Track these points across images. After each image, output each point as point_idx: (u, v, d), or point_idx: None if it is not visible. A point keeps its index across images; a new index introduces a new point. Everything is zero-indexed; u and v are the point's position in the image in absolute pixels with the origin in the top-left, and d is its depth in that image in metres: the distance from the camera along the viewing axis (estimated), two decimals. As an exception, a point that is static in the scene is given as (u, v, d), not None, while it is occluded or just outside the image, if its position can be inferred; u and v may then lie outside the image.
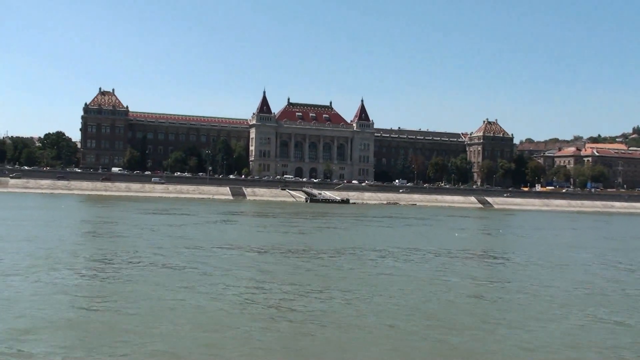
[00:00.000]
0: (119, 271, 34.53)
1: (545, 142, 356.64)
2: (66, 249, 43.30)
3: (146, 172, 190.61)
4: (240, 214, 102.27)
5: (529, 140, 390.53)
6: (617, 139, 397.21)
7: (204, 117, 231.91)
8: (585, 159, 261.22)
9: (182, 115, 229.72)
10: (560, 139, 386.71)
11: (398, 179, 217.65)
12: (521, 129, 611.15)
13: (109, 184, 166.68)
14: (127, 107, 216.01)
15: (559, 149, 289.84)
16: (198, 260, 39.27)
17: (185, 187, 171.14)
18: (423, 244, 55.96)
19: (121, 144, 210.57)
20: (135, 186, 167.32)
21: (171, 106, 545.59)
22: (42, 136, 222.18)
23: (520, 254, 51.30)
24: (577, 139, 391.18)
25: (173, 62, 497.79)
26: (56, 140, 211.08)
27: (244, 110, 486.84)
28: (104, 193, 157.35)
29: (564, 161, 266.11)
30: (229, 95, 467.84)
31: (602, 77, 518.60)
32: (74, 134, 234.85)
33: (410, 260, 44.55)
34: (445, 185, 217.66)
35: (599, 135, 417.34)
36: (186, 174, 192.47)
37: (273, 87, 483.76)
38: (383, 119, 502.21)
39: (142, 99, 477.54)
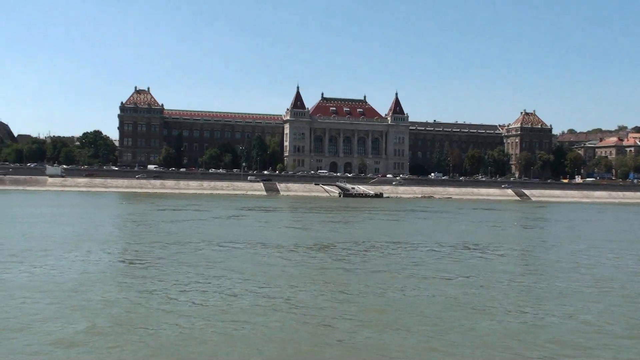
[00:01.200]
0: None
1: (586, 133, 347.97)
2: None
3: (181, 169, 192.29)
4: (262, 209, 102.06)
5: (571, 131, 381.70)
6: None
7: (238, 113, 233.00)
8: (628, 149, 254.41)
9: (217, 112, 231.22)
10: (603, 129, 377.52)
11: (434, 172, 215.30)
12: (562, 120, 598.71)
13: (144, 181, 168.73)
14: (162, 105, 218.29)
15: (600, 140, 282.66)
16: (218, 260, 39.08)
17: (219, 184, 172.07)
18: (415, 237, 55.97)
19: (157, 141, 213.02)
20: (169, 183, 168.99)
21: (206, 104, 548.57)
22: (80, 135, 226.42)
23: (510, 247, 50.60)
24: (622, 128, 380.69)
25: (207, 60, 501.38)
26: (94, 139, 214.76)
27: (278, 106, 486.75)
28: (138, 190, 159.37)
29: (606, 152, 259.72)
30: (263, 91, 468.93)
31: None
32: (113, 133, 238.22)
33: (386, 254, 44.03)
34: (481, 177, 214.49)
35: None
36: (221, 171, 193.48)
37: (306, 83, 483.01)
38: (418, 112, 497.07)
39: (177, 97, 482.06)
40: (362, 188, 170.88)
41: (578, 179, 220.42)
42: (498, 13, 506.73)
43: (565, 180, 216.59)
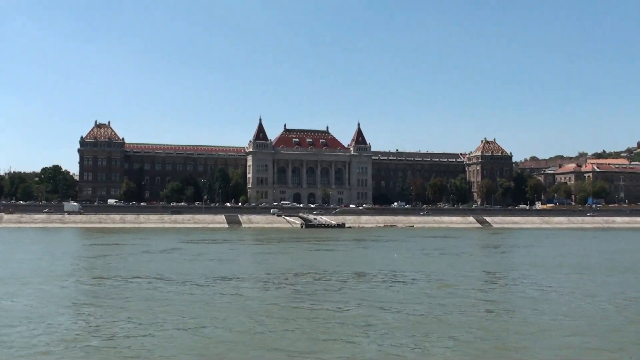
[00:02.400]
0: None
1: (546, 160, 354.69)
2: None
3: (142, 203, 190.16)
4: (209, 241, 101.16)
5: (534, 159, 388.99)
6: (622, 154, 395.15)
7: (200, 146, 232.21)
8: (586, 174, 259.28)
9: (179, 145, 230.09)
10: (564, 156, 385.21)
11: (397, 202, 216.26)
12: (524, 148, 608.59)
13: (103, 216, 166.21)
14: (123, 138, 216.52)
15: (560, 166, 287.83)
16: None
17: (180, 217, 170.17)
18: (338, 267, 55.83)
19: (118, 175, 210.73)
20: (129, 217, 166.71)
21: (167, 137, 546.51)
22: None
23: (423, 275, 50.15)
24: (582, 155, 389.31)
25: (168, 93, 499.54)
26: (53, 174, 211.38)
27: (240, 138, 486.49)
28: (97, 225, 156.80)
29: (565, 178, 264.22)
30: (225, 124, 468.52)
31: (604, 92, 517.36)
32: (74, 168, 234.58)
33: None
34: (444, 205, 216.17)
35: (604, 151, 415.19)
36: (182, 204, 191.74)
37: (269, 114, 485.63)
38: (380, 142, 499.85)
39: (138, 130, 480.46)
40: (324, 218, 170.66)
41: (538, 205, 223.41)
42: (457, 43, 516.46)
43: (526, 207, 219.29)
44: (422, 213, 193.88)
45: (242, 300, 35.65)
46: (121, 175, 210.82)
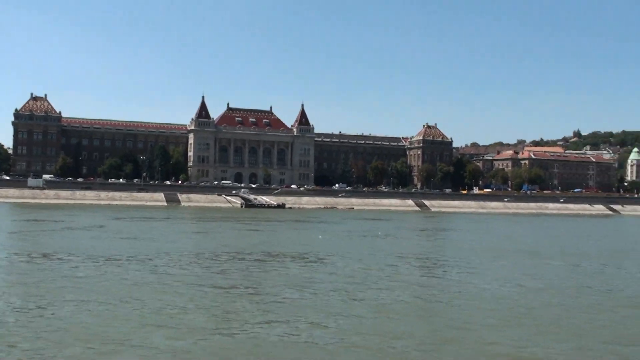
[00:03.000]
0: None
1: (486, 146, 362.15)
2: None
3: (79, 179, 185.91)
4: (141, 219, 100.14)
5: (474, 145, 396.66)
6: (558, 143, 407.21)
7: (141, 122, 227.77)
8: (523, 161, 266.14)
9: (119, 121, 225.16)
10: (504, 142, 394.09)
11: (338, 184, 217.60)
12: (466, 134, 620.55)
13: (37, 191, 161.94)
14: (60, 112, 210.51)
15: (498, 152, 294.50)
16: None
17: (118, 194, 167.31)
18: (257, 246, 55.69)
19: (54, 150, 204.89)
20: (64, 193, 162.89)
21: (107, 112, 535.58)
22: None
23: (339, 256, 50.05)
24: (521, 142, 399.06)
25: (109, 69, 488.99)
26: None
27: (183, 116, 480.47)
28: (30, 201, 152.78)
29: (503, 164, 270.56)
30: (168, 101, 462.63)
31: (545, 80, 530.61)
32: (7, 141, 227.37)
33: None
34: (384, 189, 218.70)
35: (542, 139, 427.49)
36: (121, 181, 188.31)
37: (212, 93, 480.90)
38: (324, 124, 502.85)
39: (77, 105, 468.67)
40: (264, 199, 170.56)
41: (476, 190, 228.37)
42: (402, 27, 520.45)
43: (464, 192, 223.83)
44: (341, 195, 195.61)
45: (139, 278, 35.11)
46: (57, 150, 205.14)
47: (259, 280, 35.53)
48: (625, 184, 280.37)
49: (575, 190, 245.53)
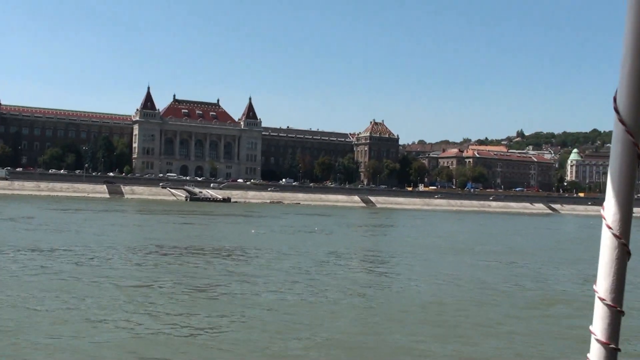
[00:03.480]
0: None
1: (432, 144, 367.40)
2: None
3: (17, 169, 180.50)
4: (66, 211, 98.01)
5: (421, 142, 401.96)
6: (502, 142, 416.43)
7: (84, 112, 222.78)
8: (467, 160, 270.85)
9: (61, 110, 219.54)
10: (450, 141, 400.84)
11: (285, 178, 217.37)
12: (413, 132, 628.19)
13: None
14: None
15: (444, 150, 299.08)
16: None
17: (58, 185, 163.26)
18: (183, 240, 54.55)
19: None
20: (1, 183, 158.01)
21: (49, 101, 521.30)
22: None
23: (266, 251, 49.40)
24: (466, 141, 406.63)
25: (51, 56, 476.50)
26: None
27: (127, 107, 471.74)
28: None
29: (448, 162, 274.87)
30: (112, 91, 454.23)
31: (490, 80, 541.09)
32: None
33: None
34: (331, 184, 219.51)
35: (486, 138, 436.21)
36: (62, 172, 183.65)
37: (158, 84, 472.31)
38: (271, 118, 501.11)
39: (17, 92, 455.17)
40: (210, 192, 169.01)
41: (421, 187, 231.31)
42: (351, 21, 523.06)
43: (410, 189, 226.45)
44: (287, 191, 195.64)
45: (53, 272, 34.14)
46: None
47: (167, 273, 34.71)
48: (565, 183, 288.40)
49: (517, 189, 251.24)
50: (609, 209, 2.03)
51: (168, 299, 26.84)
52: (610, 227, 2.01)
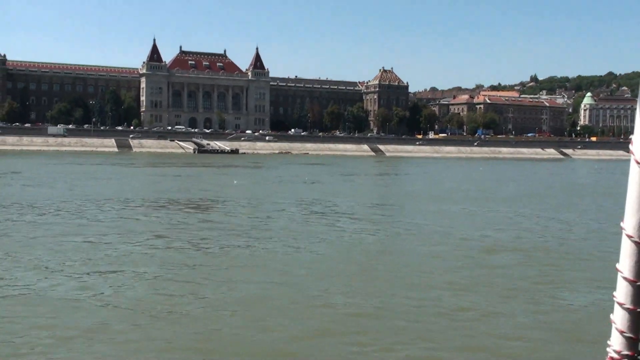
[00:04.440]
0: None
1: (443, 91, 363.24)
2: None
3: (26, 125, 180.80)
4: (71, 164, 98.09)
5: (433, 89, 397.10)
6: (515, 87, 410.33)
7: (91, 66, 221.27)
8: (478, 106, 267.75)
9: (68, 65, 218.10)
10: (463, 87, 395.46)
11: (294, 128, 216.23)
12: (426, 78, 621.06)
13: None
14: (4, 55, 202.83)
15: (454, 97, 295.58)
16: None
17: (66, 140, 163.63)
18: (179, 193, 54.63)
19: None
20: (11, 139, 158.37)
21: (56, 55, 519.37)
22: None
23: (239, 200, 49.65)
24: (479, 87, 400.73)
25: (57, 9, 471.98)
26: None
27: (134, 59, 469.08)
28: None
29: (458, 109, 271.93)
30: (119, 44, 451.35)
31: (504, 24, 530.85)
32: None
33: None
34: (340, 134, 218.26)
35: (499, 84, 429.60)
36: (70, 126, 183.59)
37: (164, 36, 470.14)
38: (280, 68, 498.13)
39: (24, 47, 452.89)
40: (218, 144, 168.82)
41: (431, 135, 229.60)
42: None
43: (419, 136, 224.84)
44: (296, 140, 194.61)
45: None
46: (3, 95, 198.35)
47: (123, 225, 34.53)
48: (578, 128, 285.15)
49: (529, 134, 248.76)
50: (639, 144, 2.00)
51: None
52: (639, 163, 1.99)
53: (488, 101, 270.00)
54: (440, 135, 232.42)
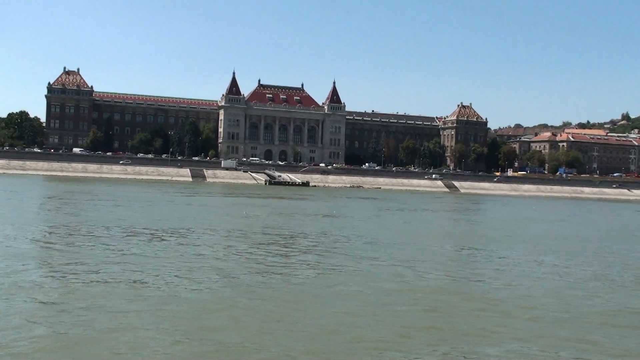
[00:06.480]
0: None
1: (526, 128, 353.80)
2: None
3: (108, 153, 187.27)
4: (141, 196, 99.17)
5: (518, 126, 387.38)
6: (605, 125, 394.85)
7: (172, 97, 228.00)
8: (561, 144, 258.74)
9: (150, 96, 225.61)
10: (549, 124, 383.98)
11: (368, 162, 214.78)
12: (507, 115, 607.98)
13: (65, 164, 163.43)
14: (91, 87, 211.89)
15: (536, 134, 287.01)
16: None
17: (144, 169, 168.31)
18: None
19: (85, 124, 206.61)
20: (92, 167, 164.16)
21: (139, 88, 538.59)
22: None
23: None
24: (566, 124, 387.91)
25: (141, 43, 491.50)
26: (19, 120, 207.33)
27: (214, 92, 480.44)
28: (59, 174, 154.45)
29: (540, 146, 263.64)
30: (199, 76, 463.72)
31: (594, 59, 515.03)
32: (42, 115, 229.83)
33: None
34: (414, 169, 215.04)
35: (588, 122, 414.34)
36: (149, 156, 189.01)
37: (243, 69, 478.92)
38: (356, 102, 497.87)
39: (109, 79, 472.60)
40: (289, 176, 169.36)
41: (509, 172, 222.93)
42: (435, 5, 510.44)
43: (497, 173, 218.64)
44: (369, 175, 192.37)
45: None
46: (89, 124, 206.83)
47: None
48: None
49: (614, 174, 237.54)
50: None
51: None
52: None
53: (572, 139, 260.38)
54: (519, 172, 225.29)
